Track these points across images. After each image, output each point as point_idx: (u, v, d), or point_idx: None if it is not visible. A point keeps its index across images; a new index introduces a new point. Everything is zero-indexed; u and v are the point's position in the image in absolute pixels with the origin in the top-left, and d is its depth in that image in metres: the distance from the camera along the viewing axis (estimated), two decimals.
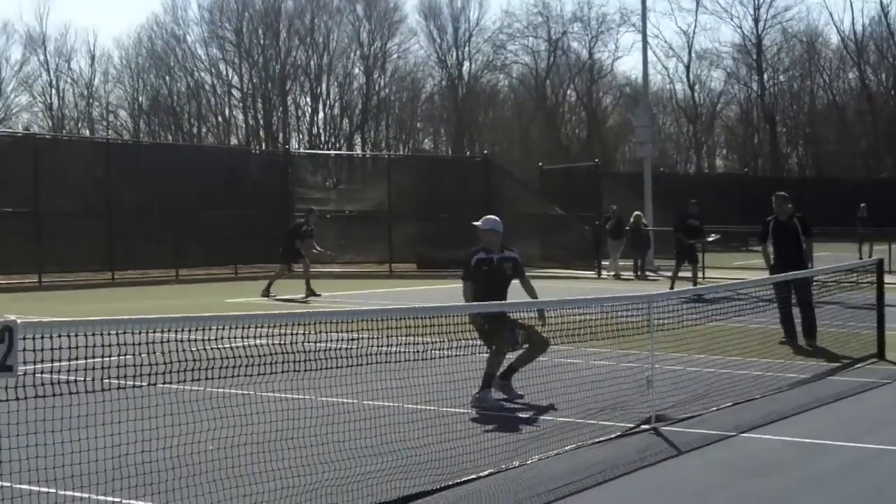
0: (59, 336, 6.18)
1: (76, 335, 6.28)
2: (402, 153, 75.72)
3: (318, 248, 27.83)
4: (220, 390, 8.21)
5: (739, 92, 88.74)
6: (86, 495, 7.02)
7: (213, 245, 36.24)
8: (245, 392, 8.67)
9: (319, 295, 26.38)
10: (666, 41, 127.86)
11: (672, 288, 26.14)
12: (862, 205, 42.06)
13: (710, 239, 32.37)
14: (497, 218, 12.67)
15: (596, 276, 35.82)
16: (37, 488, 6.96)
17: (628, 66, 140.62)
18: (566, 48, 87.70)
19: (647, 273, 35.39)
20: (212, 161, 41.21)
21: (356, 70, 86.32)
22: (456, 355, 9.61)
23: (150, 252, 34.43)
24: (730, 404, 11.56)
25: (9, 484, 6.90)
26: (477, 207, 39.33)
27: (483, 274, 12.22)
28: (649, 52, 53.04)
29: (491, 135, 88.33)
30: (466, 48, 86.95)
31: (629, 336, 11.54)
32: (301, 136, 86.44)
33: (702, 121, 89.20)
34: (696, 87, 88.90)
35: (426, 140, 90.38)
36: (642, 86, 49.90)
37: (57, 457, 6.85)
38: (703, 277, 31.13)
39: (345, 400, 10.08)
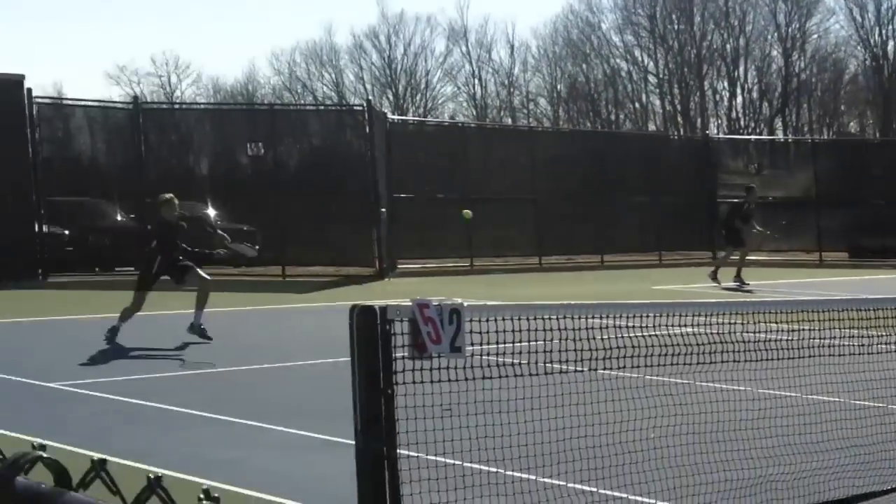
0: (503, 319, 6.28)
1: (518, 318, 6.37)
2: (825, 137, 73.47)
3: (758, 228, 27.28)
4: (659, 378, 8.16)
5: None
6: (531, 477, 7.14)
7: (635, 231, 36.35)
8: (684, 381, 8.58)
9: (748, 285, 25.87)
10: None
11: None
12: None
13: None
14: None
15: None
16: (485, 467, 7.12)
17: None
18: None
19: None
20: (630, 147, 41.29)
21: (774, 52, 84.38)
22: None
23: (575, 238, 34.90)
24: None
25: (459, 462, 7.09)
26: None
27: None
28: None
29: None
30: (890, 26, 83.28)
31: None
32: (719, 121, 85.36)
33: None
34: None
35: (851, 123, 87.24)
36: None
37: (504, 437, 7.00)
38: None
39: (786, 393, 9.81)
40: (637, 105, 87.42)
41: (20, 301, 22.00)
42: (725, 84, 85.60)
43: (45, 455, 1.56)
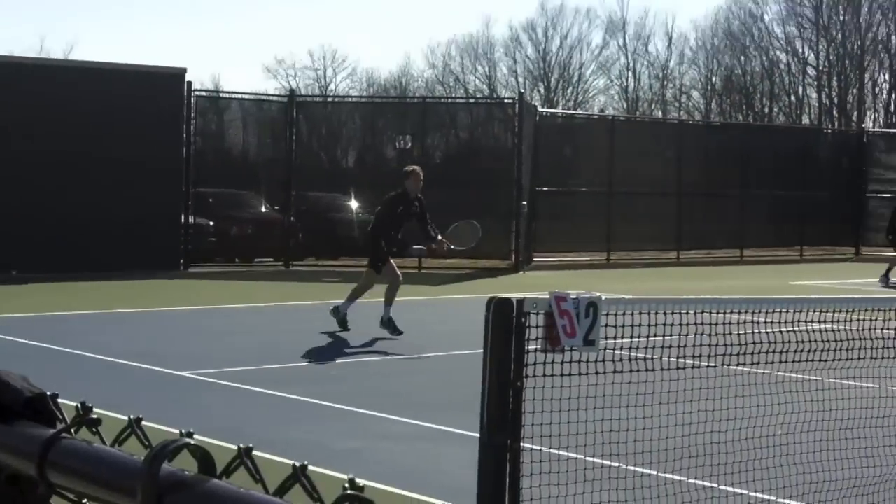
0: (639, 313, 6.36)
1: (654, 313, 6.44)
2: None
3: None
4: (791, 374, 8.17)
5: None
6: (652, 472, 7.23)
7: (777, 226, 35.89)
8: (815, 378, 8.56)
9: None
10: None
11: None
12: None
13: None
14: None
15: None
16: (606, 462, 7.22)
17: None
18: None
19: None
20: (783, 141, 40.73)
21: None
22: None
23: (715, 233, 34.65)
24: None
25: (581, 456, 7.21)
26: None
27: None
28: None
29: None
30: None
31: None
32: (876, 115, 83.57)
33: None
34: None
35: None
36: None
37: (629, 432, 7.08)
38: None
39: None
40: (793, 98, 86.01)
41: (160, 290, 22.58)
42: (886, 77, 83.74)
43: (191, 442, 1.58)
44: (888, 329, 7.70)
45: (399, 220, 15.87)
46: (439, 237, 15.84)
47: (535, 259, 29.96)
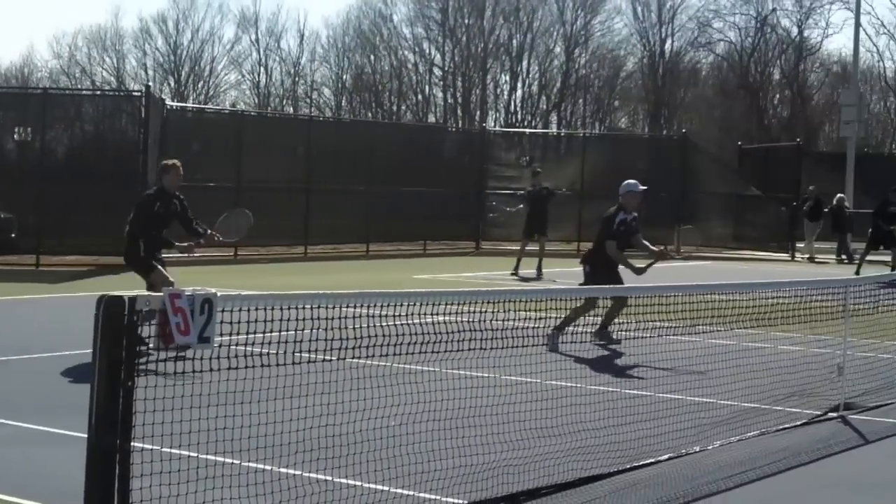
0: (256, 309, 6.33)
1: (271, 308, 6.43)
2: (597, 132, 75.29)
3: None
4: (407, 366, 8.33)
5: None
6: (268, 467, 7.22)
7: (404, 222, 36.63)
8: (432, 369, 8.78)
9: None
10: (878, 17, 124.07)
11: (857, 273, 25.46)
12: None
13: None
14: (638, 184, 14.71)
15: (789, 258, 35.14)
16: (221, 458, 7.16)
17: (838, 43, 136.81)
18: (774, 25, 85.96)
19: (843, 257, 34.54)
20: (409, 139, 41.63)
21: (557, 48, 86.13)
22: (641, 337, 9.60)
23: (343, 227, 35.07)
24: None
25: (196, 454, 7.12)
26: (672, 186, 39.06)
27: (622, 232, 14.13)
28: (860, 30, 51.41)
29: (689, 113, 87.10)
30: (670, 26, 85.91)
31: (821, 321, 11.34)
32: (497, 115, 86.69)
33: None
34: None
35: (623, 119, 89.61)
36: (852, 64, 48.75)
37: (245, 428, 7.05)
38: None
39: (527, 379, 10.12)
40: (420, 97, 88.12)
41: None
42: (507, 78, 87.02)
43: None
44: (497, 321, 7.98)
45: (159, 220, 14.48)
46: (209, 232, 14.87)
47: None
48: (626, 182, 14.85)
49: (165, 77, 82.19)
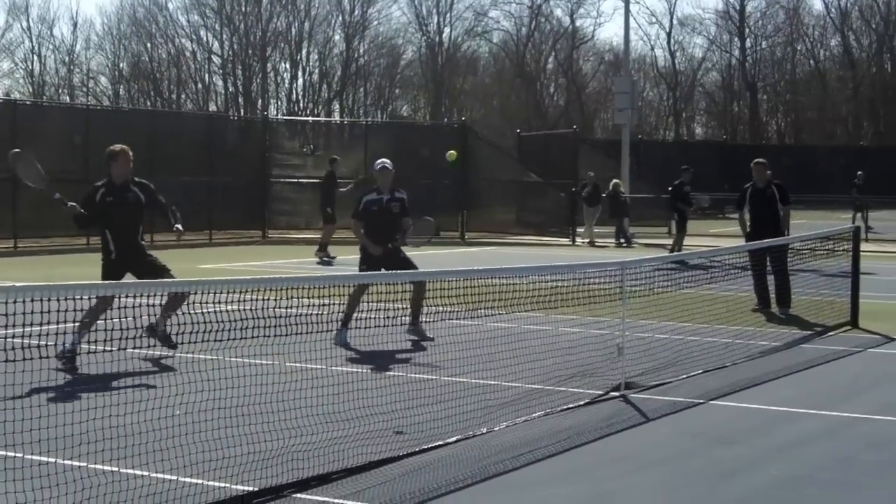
0: (31, 301, 6.17)
1: (48, 300, 6.27)
2: (379, 120, 75.58)
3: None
4: (189, 355, 8.23)
5: (721, 59, 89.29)
6: (52, 460, 7.03)
7: (189, 211, 36.06)
8: (214, 357, 8.69)
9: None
10: (647, 7, 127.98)
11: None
12: (859, 172, 42.63)
13: (706, 205, 32.60)
14: (387, 161, 14.38)
15: (571, 242, 35.90)
16: (3, 452, 6.97)
17: (609, 32, 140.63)
18: (548, 14, 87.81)
19: (622, 241, 35.47)
20: (190, 128, 41.03)
21: (336, 37, 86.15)
22: (427, 321, 9.66)
23: None
24: (700, 372, 11.63)
25: None
26: (453, 173, 39.47)
27: (373, 214, 13.89)
28: (631, 19, 52.92)
29: (469, 101, 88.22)
30: (448, 15, 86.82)
31: (601, 303, 11.60)
32: (280, 103, 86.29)
33: (682, 88, 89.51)
34: (678, 53, 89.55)
35: (404, 107, 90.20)
36: (623, 53, 50.06)
37: (24, 421, 6.85)
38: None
39: (313, 366, 10.10)
40: (200, 86, 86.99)
41: None
42: (288, 66, 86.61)
43: None
44: (281, 308, 7.94)
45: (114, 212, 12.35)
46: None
47: None
48: (377, 161, 14.66)
49: None
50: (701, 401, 10.23)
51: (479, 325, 11.62)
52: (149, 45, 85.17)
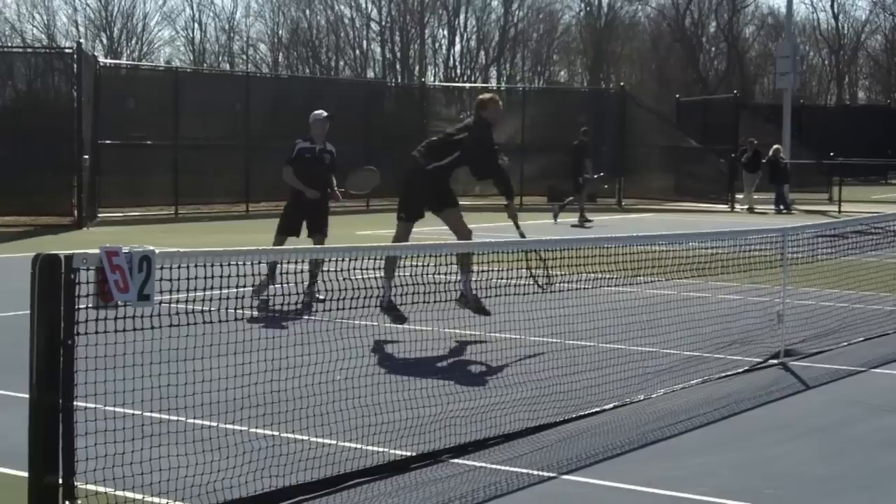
0: (195, 266, 6.29)
1: (211, 265, 6.39)
2: (537, 86, 75.31)
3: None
4: (350, 321, 8.32)
5: (885, 21, 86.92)
6: (213, 424, 7.19)
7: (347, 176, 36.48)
8: (373, 323, 8.78)
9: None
10: None
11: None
12: None
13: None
14: (323, 112, 14.99)
15: (730, 209, 35.41)
16: (165, 416, 7.14)
17: None
18: None
19: (781, 207, 34.87)
20: (349, 94, 41.41)
21: (494, 2, 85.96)
22: (579, 288, 9.63)
23: (285, 185, 34.82)
24: (861, 339, 11.42)
25: (139, 412, 7.09)
26: (613, 140, 39.25)
27: (305, 161, 14.43)
28: None
29: (628, 67, 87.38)
30: None
31: (761, 270, 11.44)
32: (437, 70, 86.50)
33: (845, 51, 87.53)
34: (841, 16, 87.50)
35: (562, 73, 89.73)
36: (785, 16, 49.03)
37: (188, 385, 6.99)
38: (840, 211, 30.88)
39: (470, 332, 10.14)
40: (358, 52, 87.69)
41: None
42: (445, 33, 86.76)
43: None
44: (440, 274, 7.99)
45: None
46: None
47: (100, 215, 29.13)
48: (314, 112, 15.08)
49: (97, 34, 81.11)
50: (863, 369, 10.05)
51: (637, 293, 11.55)
52: (307, 12, 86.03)
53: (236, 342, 7.49)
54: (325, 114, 14.79)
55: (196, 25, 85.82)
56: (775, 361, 10.23)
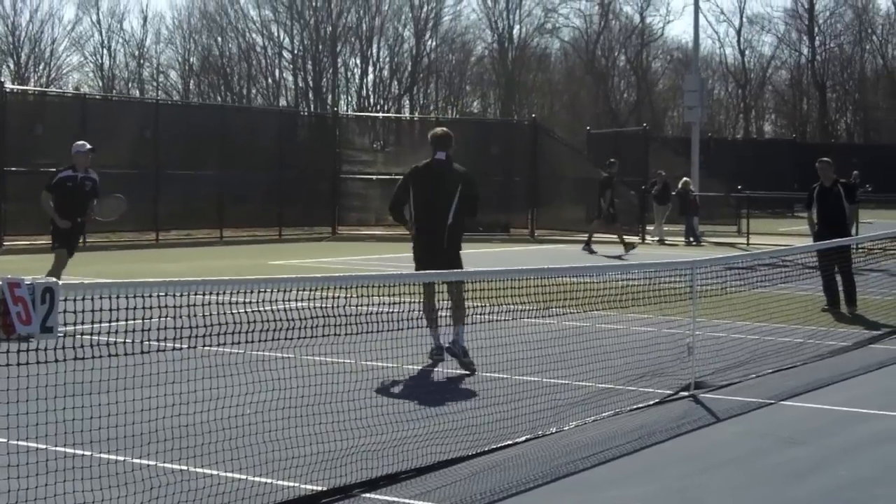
0: (101, 297, 6.18)
1: (117, 297, 6.28)
2: (450, 116, 75.51)
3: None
4: (262, 353, 8.23)
5: (790, 57, 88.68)
6: (122, 458, 7.05)
7: (259, 207, 36.33)
8: (287, 356, 8.68)
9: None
10: (717, 5, 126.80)
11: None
12: None
13: None
14: (87, 143, 15.36)
15: (640, 241, 35.70)
16: (72, 451, 6.99)
17: (679, 29, 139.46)
18: (617, 12, 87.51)
19: (691, 239, 35.21)
20: (261, 123, 41.22)
21: (407, 32, 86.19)
22: (498, 320, 9.61)
23: (195, 213, 34.62)
24: (770, 371, 11.51)
25: (45, 446, 6.94)
26: (524, 171, 39.43)
27: (66, 189, 14.86)
28: (700, 17, 52.48)
29: (540, 98, 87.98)
30: (518, 12, 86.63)
31: (672, 302, 11.51)
32: (350, 99, 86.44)
33: (751, 85, 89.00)
34: (747, 51, 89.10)
35: (475, 103, 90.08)
36: (692, 50, 49.73)
37: (95, 419, 6.87)
38: (748, 243, 31.36)
39: (383, 364, 10.07)
40: (270, 81, 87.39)
41: None
42: (358, 62, 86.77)
43: None
44: (350, 306, 7.91)
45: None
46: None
47: (5, 243, 28.68)
48: (77, 143, 15.50)
49: (4, 59, 79.95)
50: (771, 401, 10.12)
51: (552, 324, 11.54)
52: (219, 39, 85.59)
53: (143, 375, 7.37)
54: (89, 146, 15.33)
55: (105, 51, 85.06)
56: (686, 393, 10.28)
